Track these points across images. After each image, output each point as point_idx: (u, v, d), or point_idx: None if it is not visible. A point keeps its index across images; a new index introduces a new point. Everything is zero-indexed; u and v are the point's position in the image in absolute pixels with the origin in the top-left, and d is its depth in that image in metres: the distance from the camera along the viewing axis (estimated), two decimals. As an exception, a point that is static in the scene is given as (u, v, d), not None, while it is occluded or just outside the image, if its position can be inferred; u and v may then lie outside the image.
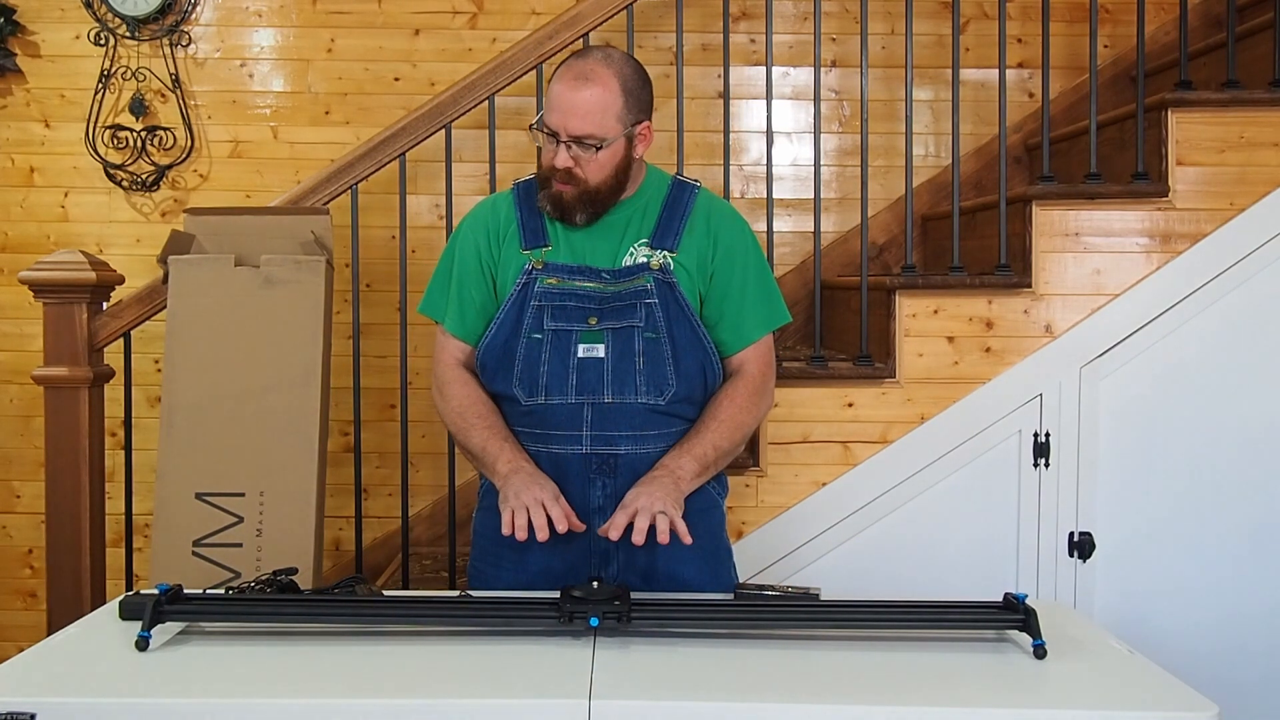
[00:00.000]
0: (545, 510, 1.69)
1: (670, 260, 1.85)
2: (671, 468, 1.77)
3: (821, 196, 2.92)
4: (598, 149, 1.78)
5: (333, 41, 3.52)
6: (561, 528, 1.69)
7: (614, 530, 1.68)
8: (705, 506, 1.92)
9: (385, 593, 1.69)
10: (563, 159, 1.78)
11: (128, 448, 2.77)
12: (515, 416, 1.87)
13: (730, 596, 1.69)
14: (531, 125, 1.85)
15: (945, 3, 3.49)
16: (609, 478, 1.82)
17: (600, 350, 1.82)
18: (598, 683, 1.34)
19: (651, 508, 1.68)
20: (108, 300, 2.68)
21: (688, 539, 1.67)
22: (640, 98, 1.82)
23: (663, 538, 1.66)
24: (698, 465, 1.79)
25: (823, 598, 1.64)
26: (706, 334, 1.87)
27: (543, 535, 1.67)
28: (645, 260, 1.85)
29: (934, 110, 3.54)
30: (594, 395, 1.81)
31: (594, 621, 1.47)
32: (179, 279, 2.50)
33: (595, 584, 1.52)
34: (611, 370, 1.81)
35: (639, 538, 1.66)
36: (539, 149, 1.89)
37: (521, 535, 1.67)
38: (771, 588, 1.67)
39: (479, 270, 1.90)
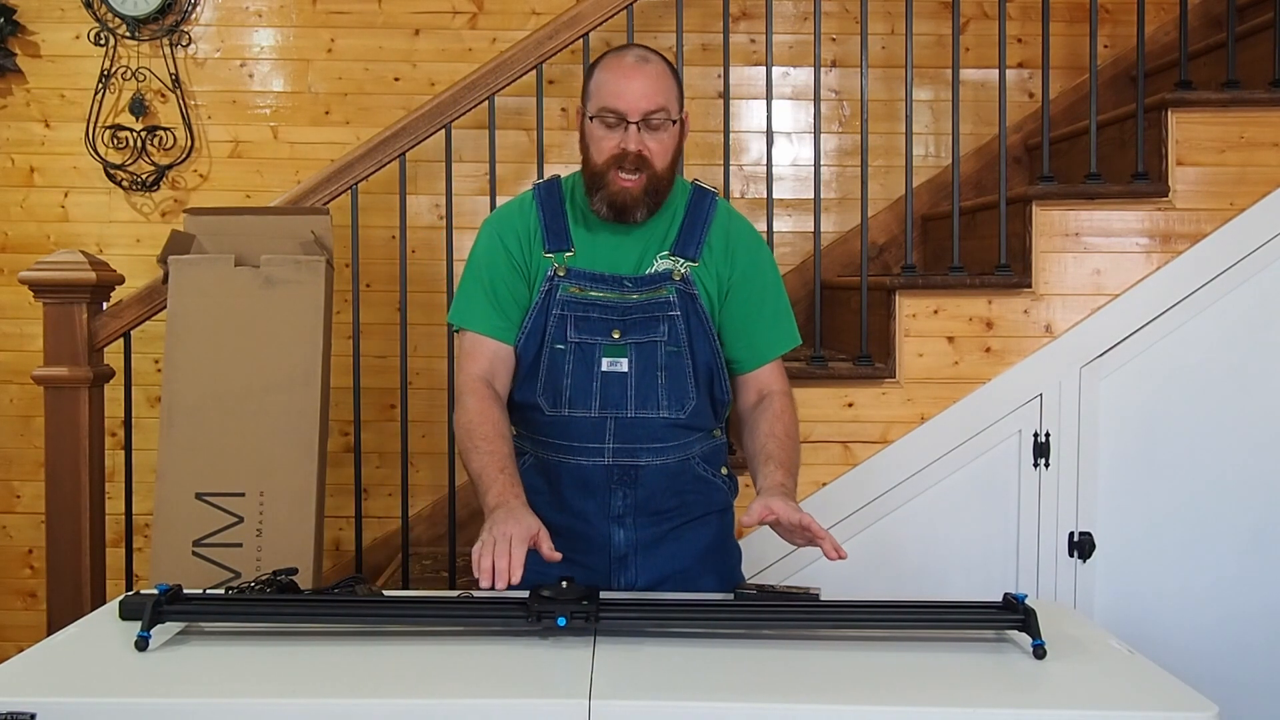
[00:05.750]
0: (511, 553, 1.55)
1: (691, 271, 1.83)
2: (790, 490, 1.78)
3: (821, 196, 2.92)
4: (673, 123, 1.77)
5: (333, 41, 3.52)
6: (516, 576, 1.54)
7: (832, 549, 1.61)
8: (723, 508, 1.93)
9: (385, 593, 1.69)
10: (635, 141, 1.74)
11: (128, 448, 2.77)
12: (539, 425, 1.85)
13: (730, 596, 1.69)
14: (589, 116, 1.77)
15: (945, 3, 3.49)
16: (630, 488, 1.82)
17: (624, 364, 1.80)
18: (598, 683, 1.34)
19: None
20: (108, 300, 2.68)
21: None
22: (681, 88, 1.82)
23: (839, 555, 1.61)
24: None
25: (823, 598, 1.64)
26: (719, 349, 1.85)
27: (501, 582, 1.54)
28: (667, 270, 1.82)
29: (934, 110, 3.54)
30: (617, 410, 1.80)
31: (561, 621, 1.47)
32: (179, 279, 2.50)
33: (564, 584, 1.51)
34: (635, 385, 1.81)
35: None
36: (583, 148, 1.80)
37: (485, 583, 1.54)
38: (771, 588, 1.67)
39: (511, 269, 1.85)
